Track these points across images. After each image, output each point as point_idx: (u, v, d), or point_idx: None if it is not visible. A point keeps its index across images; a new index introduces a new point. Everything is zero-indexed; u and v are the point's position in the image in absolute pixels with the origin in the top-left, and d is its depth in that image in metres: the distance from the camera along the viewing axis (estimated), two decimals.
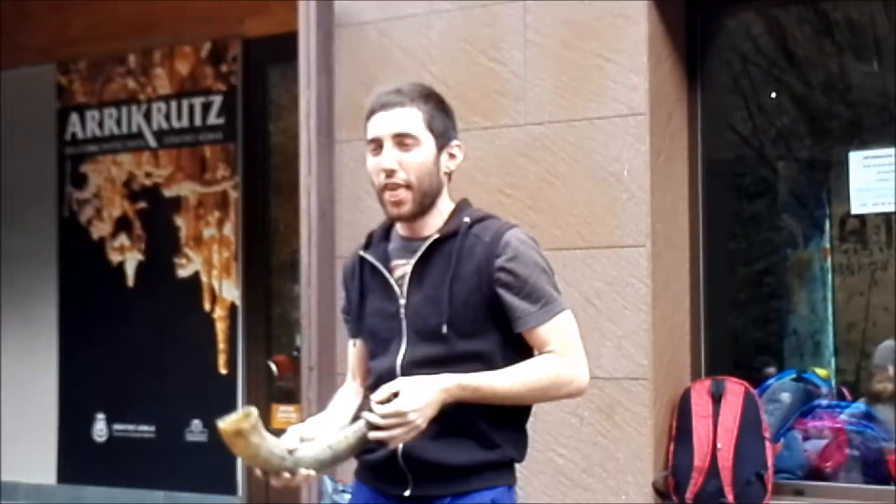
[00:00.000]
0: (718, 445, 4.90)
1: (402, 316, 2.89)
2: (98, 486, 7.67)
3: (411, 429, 2.70)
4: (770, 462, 4.88)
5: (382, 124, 2.89)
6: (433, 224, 2.93)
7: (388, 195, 2.90)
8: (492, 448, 2.85)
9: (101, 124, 7.90)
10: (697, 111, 5.24)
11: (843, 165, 5.11)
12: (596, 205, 5.07)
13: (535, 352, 2.90)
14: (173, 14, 7.50)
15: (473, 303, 2.84)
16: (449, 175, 2.98)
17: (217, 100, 7.41)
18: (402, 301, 2.89)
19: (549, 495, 5.09)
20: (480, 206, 5.12)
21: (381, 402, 2.70)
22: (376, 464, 2.89)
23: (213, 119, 7.42)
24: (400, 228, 2.98)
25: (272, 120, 7.46)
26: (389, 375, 2.83)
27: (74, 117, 8.00)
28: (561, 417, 5.07)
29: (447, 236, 2.90)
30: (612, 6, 5.06)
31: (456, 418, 2.79)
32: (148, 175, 7.68)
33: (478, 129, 5.33)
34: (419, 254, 2.90)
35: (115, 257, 7.77)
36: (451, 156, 2.98)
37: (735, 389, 4.97)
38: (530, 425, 5.07)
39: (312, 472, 2.73)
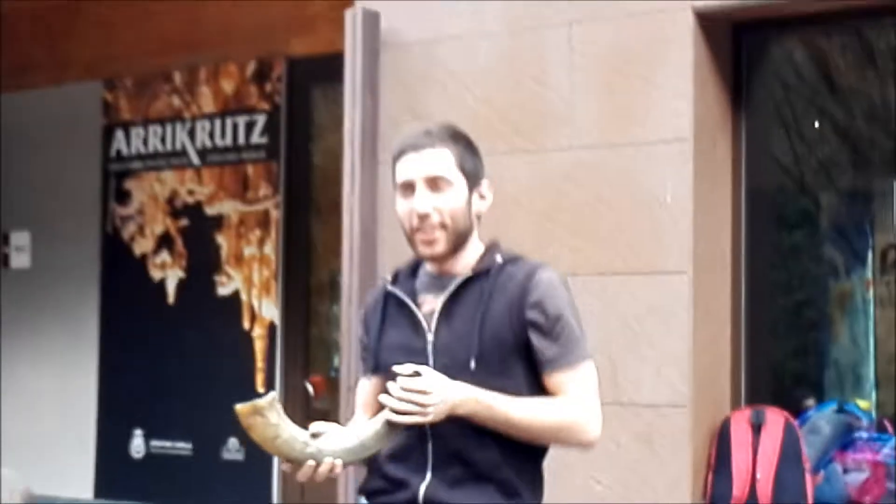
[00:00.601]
0: (758, 476, 4.85)
1: (430, 352, 2.85)
2: (134, 501, 7.69)
3: (427, 412, 2.69)
4: (810, 494, 4.84)
5: (414, 167, 2.87)
6: (464, 263, 2.91)
7: (420, 235, 2.87)
8: (513, 496, 2.82)
9: (145, 141, 7.95)
10: (742, 138, 5.21)
11: (886, 196, 5.07)
12: (639, 230, 5.05)
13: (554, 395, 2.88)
14: (219, 32, 7.56)
15: (503, 340, 2.82)
16: (479, 216, 2.97)
17: (261, 119, 7.45)
18: (430, 336, 2.86)
19: None
20: (525, 233, 5.15)
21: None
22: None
23: (256, 138, 7.46)
24: (429, 266, 2.95)
25: (314, 140, 7.49)
26: None
27: (119, 134, 8.06)
28: (600, 444, 5.03)
29: (479, 274, 2.88)
30: (659, 30, 5.05)
31: (480, 462, 2.77)
32: (191, 192, 7.72)
33: (522, 153, 5.32)
34: (451, 290, 2.87)
35: (156, 274, 7.81)
36: (482, 196, 2.96)
37: (775, 419, 4.93)
38: (569, 451, 5.06)
39: (339, 463, 2.70)
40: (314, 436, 2.70)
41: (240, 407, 2.66)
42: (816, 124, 5.61)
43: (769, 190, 5.44)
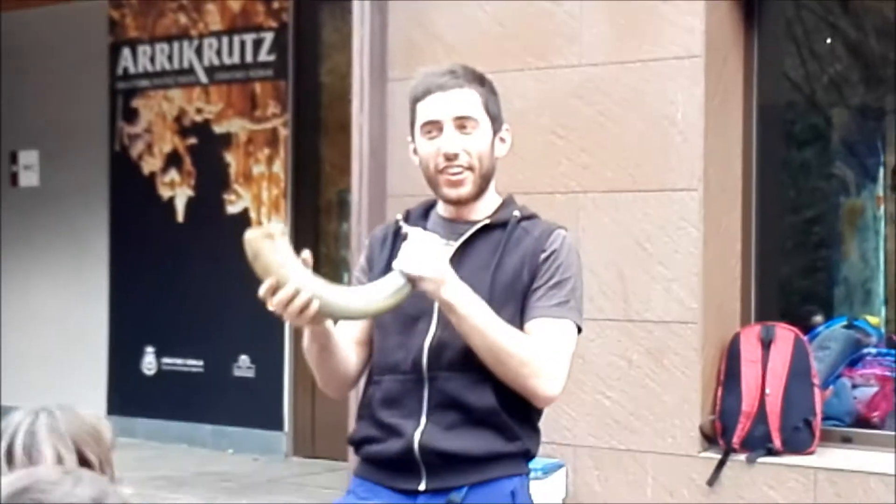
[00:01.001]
0: (767, 391, 4.90)
1: None
2: (147, 418, 7.78)
3: (431, 260, 2.64)
4: (818, 409, 4.88)
5: (441, 107, 2.77)
6: (481, 210, 2.82)
7: (446, 176, 2.78)
8: (512, 440, 2.77)
9: (152, 59, 7.92)
10: (753, 55, 5.19)
11: None
12: (649, 147, 5.04)
13: None
14: None
15: (512, 292, 2.75)
16: (497, 160, 2.88)
17: (268, 36, 7.42)
18: None
19: (595, 437, 5.12)
20: (535, 151, 5.15)
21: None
22: (386, 458, 2.78)
23: (263, 56, 7.43)
24: (443, 210, 2.87)
25: (323, 58, 7.46)
26: (416, 354, 2.75)
27: (126, 52, 8.03)
28: (609, 360, 5.08)
29: (495, 224, 2.81)
30: None
31: (477, 408, 2.73)
32: (198, 111, 7.71)
33: (532, 70, 5.31)
34: (466, 235, 2.80)
35: (165, 192, 7.83)
36: (502, 140, 2.88)
37: (785, 336, 4.96)
38: (579, 367, 5.10)
39: (316, 304, 2.56)
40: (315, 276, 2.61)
41: (250, 232, 2.57)
42: (828, 41, 5.58)
43: (780, 107, 5.44)
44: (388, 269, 2.76)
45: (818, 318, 5.36)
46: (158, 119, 7.89)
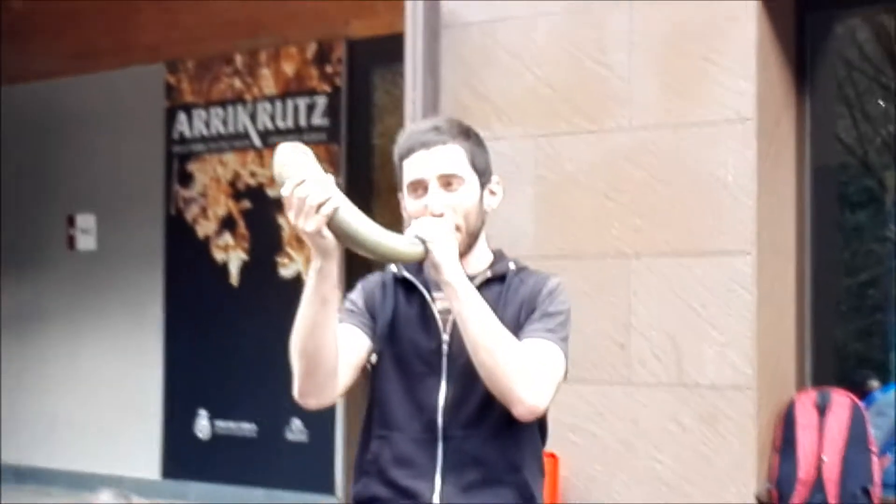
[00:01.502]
0: (824, 458, 4.81)
1: (444, 352, 2.72)
2: (201, 482, 7.78)
3: (445, 235, 2.62)
4: (877, 476, 4.79)
5: (426, 165, 2.72)
6: (473, 264, 2.76)
7: None
8: (529, 499, 2.74)
9: (207, 123, 8.00)
10: (805, 117, 5.16)
11: None
12: (701, 210, 5.01)
13: None
14: (279, 15, 7.59)
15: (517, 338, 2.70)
16: (487, 214, 2.81)
17: (321, 101, 7.47)
18: (446, 337, 2.72)
19: (648, 502, 5.04)
20: (585, 213, 5.13)
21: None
22: None
23: (317, 120, 7.49)
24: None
25: (375, 121, 7.50)
26: (429, 412, 2.69)
27: (182, 116, 8.12)
28: (662, 424, 5.02)
29: (496, 277, 2.77)
30: (721, 8, 5.00)
31: (500, 465, 2.69)
32: (252, 174, 7.77)
33: (583, 133, 5.30)
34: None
35: (219, 256, 7.87)
36: (492, 192, 2.82)
37: (841, 401, 4.88)
38: (631, 432, 5.04)
39: (335, 209, 2.48)
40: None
41: (285, 144, 2.54)
42: (880, 102, 5.53)
43: (833, 169, 5.38)
44: (394, 317, 2.74)
45: (874, 383, 5.27)
46: (213, 183, 7.96)
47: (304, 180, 2.47)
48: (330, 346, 2.62)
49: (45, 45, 8.64)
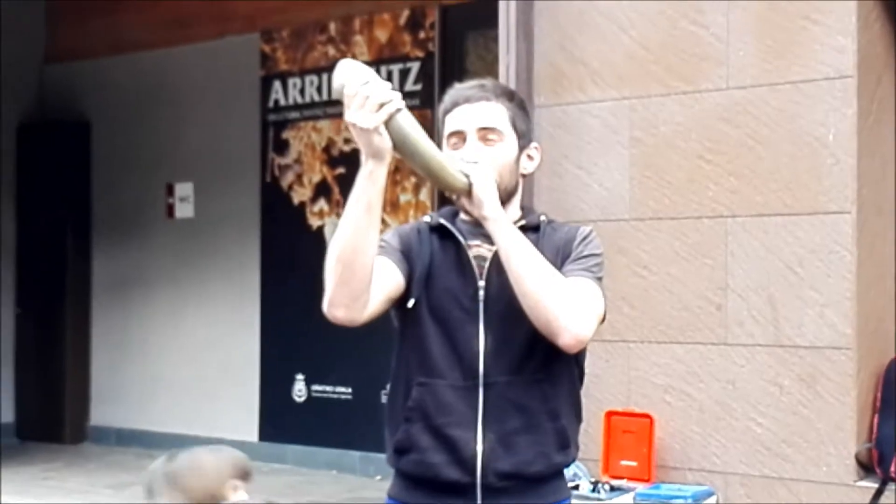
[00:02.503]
0: None
1: (481, 298, 2.75)
2: (297, 444, 7.89)
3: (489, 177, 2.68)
4: None
5: (467, 118, 2.79)
6: (509, 217, 2.78)
7: None
8: (566, 448, 2.78)
9: (302, 91, 8.08)
10: None
11: None
12: (800, 170, 4.96)
13: None
14: None
15: None
16: (524, 177, 2.88)
17: (415, 66, 7.51)
18: (482, 283, 2.76)
19: (746, 464, 5.03)
20: (682, 175, 5.11)
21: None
22: (442, 479, 2.72)
23: (410, 85, 7.52)
24: (466, 216, 2.83)
25: None
26: (470, 360, 2.72)
27: (277, 85, 8.21)
28: (760, 386, 5.00)
29: (528, 227, 2.81)
30: None
31: (540, 411, 2.73)
32: (347, 141, 7.83)
33: (678, 94, 5.27)
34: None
35: (314, 221, 7.96)
36: (530, 157, 2.88)
37: None
38: (729, 393, 5.03)
39: (399, 108, 2.55)
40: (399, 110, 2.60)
41: (344, 60, 2.62)
42: None
43: None
44: (431, 263, 2.78)
45: None
46: (308, 150, 8.04)
47: (368, 80, 2.54)
48: (368, 255, 2.62)
49: (140, 14, 8.78)
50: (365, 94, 2.52)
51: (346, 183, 7.76)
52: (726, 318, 5.07)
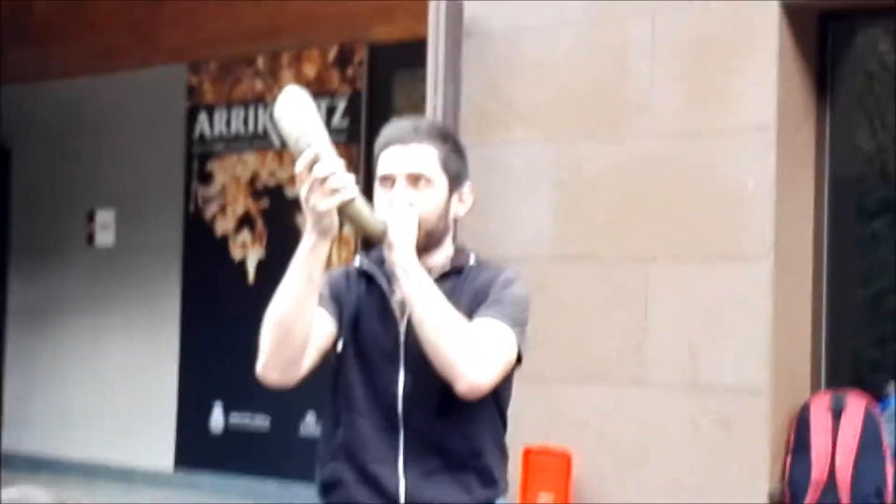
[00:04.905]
0: (837, 461, 4.88)
1: (402, 342, 2.77)
2: (213, 474, 7.85)
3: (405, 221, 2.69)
4: (890, 481, 4.85)
5: (397, 161, 2.78)
6: (435, 261, 2.82)
7: None
8: (492, 485, 2.81)
9: (228, 123, 8.10)
10: (826, 126, 5.23)
11: None
12: (720, 217, 5.08)
13: None
14: (302, 18, 7.68)
15: None
16: (456, 219, 2.89)
17: (342, 103, 7.57)
18: (402, 327, 2.78)
19: (662, 501, 5.11)
20: (604, 217, 5.21)
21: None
22: None
23: (337, 121, 7.58)
24: None
25: None
26: (389, 400, 2.75)
27: (203, 116, 8.22)
28: (677, 426, 5.09)
29: (453, 271, 2.84)
30: (742, 17, 5.07)
31: (461, 451, 2.76)
32: (272, 174, 7.86)
33: (602, 141, 5.37)
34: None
35: (237, 253, 7.96)
36: (461, 199, 2.87)
37: (856, 405, 4.95)
38: (645, 433, 5.11)
39: (335, 172, 2.52)
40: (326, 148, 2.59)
41: (288, 88, 2.61)
42: None
43: (852, 178, 5.45)
44: (357, 307, 2.80)
45: (890, 388, 5.34)
46: (232, 182, 8.05)
47: (320, 156, 2.53)
48: (305, 324, 2.67)
49: (67, 44, 8.73)
50: (320, 177, 2.53)
51: (270, 216, 7.84)
52: (645, 358, 5.17)
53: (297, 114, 2.59)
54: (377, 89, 7.54)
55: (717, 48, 5.14)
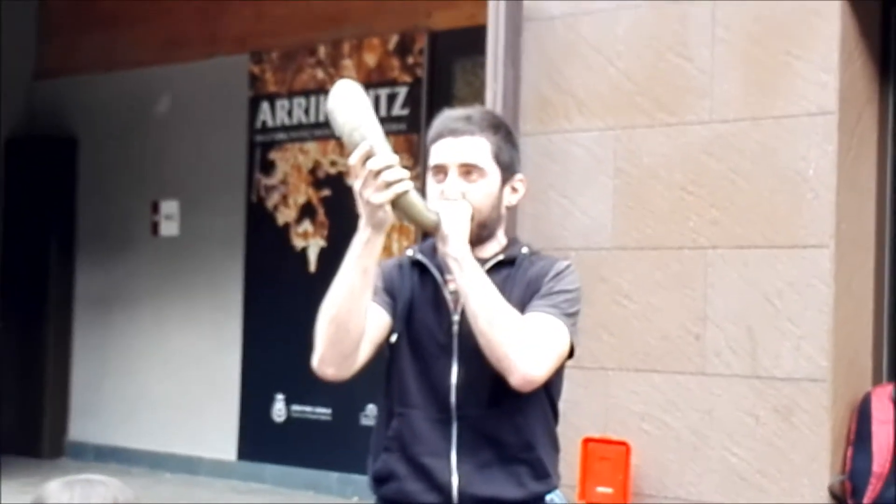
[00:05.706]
0: None
1: (455, 332, 2.78)
2: (276, 464, 7.90)
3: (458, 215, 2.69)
4: None
5: (449, 152, 2.78)
6: (489, 250, 2.83)
7: None
8: (544, 478, 2.80)
9: (290, 113, 8.13)
10: (888, 112, 5.14)
11: None
12: (780, 204, 5.01)
13: None
14: (362, 6, 7.69)
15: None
16: (508, 209, 2.88)
17: (402, 91, 7.56)
18: (456, 317, 2.78)
19: (721, 494, 5.06)
20: (664, 205, 5.16)
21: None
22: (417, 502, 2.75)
23: (397, 110, 7.57)
24: None
25: None
26: (443, 392, 2.75)
27: (265, 106, 8.25)
28: (736, 416, 5.04)
29: (507, 261, 2.83)
30: (805, 3, 5.00)
31: (514, 443, 2.75)
32: (333, 163, 7.87)
33: (662, 126, 5.32)
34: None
35: (298, 242, 7.99)
36: (514, 189, 2.87)
37: None
38: (705, 423, 5.06)
39: (389, 164, 2.56)
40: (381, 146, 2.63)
41: (340, 82, 2.64)
42: None
43: None
44: (411, 298, 2.81)
45: None
46: (294, 171, 8.08)
47: (374, 150, 2.55)
48: (360, 317, 2.68)
49: (133, 34, 8.82)
50: (374, 170, 2.55)
51: (331, 205, 7.85)
52: (704, 348, 5.12)
53: (350, 107, 2.61)
54: (437, 77, 7.53)
55: (779, 32, 5.07)
